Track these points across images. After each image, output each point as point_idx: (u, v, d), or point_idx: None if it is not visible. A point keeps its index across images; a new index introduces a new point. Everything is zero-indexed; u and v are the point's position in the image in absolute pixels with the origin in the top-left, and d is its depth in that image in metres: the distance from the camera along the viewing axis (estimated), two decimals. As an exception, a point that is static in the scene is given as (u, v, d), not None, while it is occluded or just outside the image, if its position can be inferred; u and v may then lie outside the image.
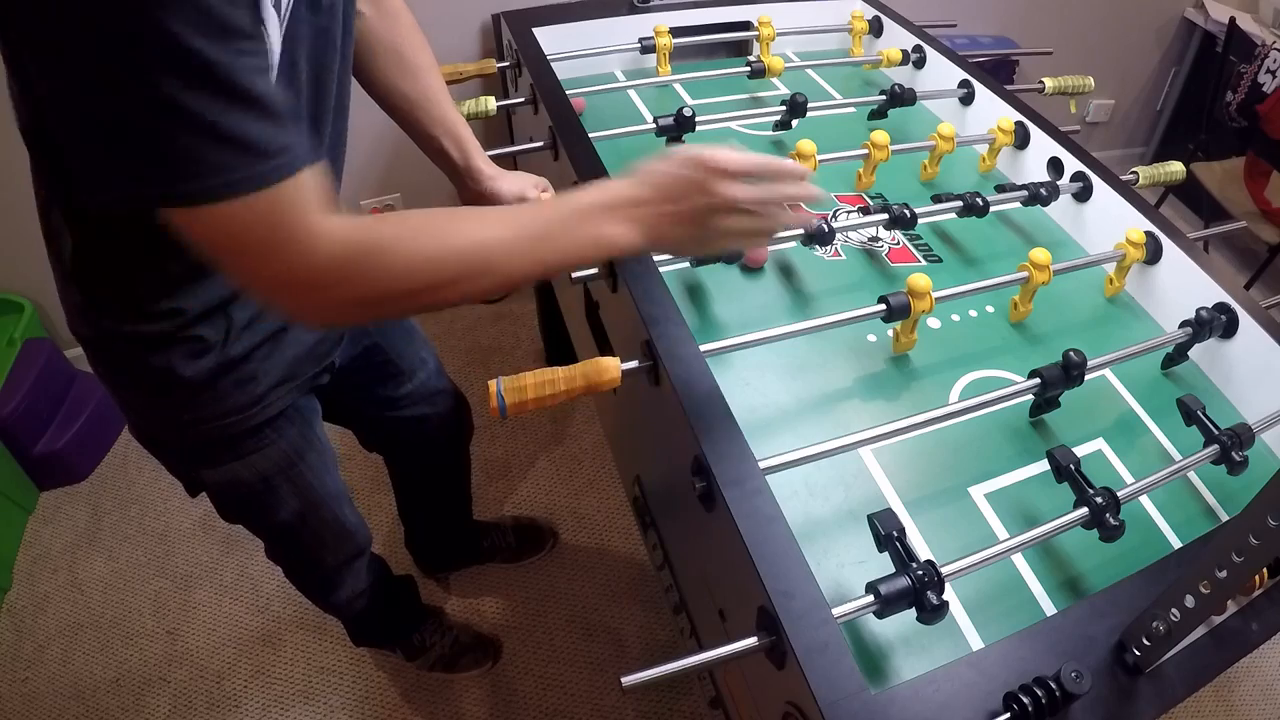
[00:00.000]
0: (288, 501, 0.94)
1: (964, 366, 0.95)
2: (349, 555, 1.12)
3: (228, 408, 0.80)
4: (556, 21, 1.49)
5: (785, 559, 0.63)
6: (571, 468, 1.87)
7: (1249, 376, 0.96)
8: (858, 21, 1.59)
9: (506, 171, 0.97)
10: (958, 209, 1.11)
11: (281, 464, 0.89)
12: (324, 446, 0.97)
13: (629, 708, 1.44)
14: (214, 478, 0.88)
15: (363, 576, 1.20)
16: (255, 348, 0.79)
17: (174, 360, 0.74)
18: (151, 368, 0.74)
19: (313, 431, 0.94)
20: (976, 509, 0.81)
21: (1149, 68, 2.73)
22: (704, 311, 0.99)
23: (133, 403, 0.82)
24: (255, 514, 0.96)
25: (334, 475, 1.00)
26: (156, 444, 0.86)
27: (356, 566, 1.17)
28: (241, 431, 0.83)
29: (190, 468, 0.88)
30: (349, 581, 1.17)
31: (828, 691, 0.56)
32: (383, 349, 1.08)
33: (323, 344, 0.90)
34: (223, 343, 0.76)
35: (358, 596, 1.21)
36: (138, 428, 0.85)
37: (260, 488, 0.90)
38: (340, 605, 1.22)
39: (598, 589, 1.63)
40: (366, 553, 1.17)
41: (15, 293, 1.81)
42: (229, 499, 0.92)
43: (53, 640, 1.53)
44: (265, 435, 0.86)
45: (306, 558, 1.09)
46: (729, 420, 0.74)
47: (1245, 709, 1.50)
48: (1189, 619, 0.58)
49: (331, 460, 0.99)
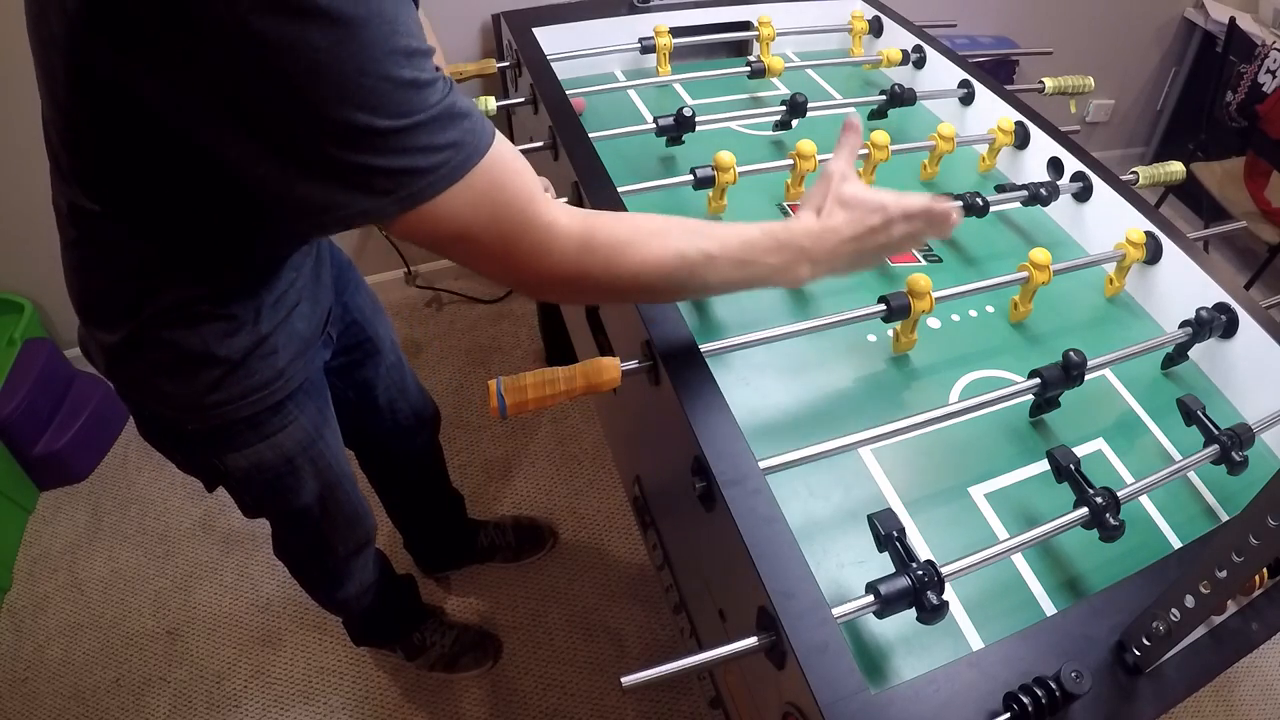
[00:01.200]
0: (308, 483, 0.95)
1: (964, 366, 0.95)
2: (359, 543, 1.12)
3: (255, 384, 0.81)
4: (556, 21, 1.49)
5: (785, 559, 0.63)
6: (571, 468, 1.87)
7: (1249, 376, 0.96)
8: (858, 21, 1.59)
9: None
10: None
11: (304, 442, 0.91)
12: (336, 425, 0.99)
13: (629, 708, 1.44)
14: (239, 463, 0.87)
15: (370, 569, 1.21)
16: (279, 323, 0.81)
17: (209, 339, 0.76)
18: (185, 349, 0.75)
19: (328, 407, 0.95)
20: (976, 509, 0.81)
21: (1149, 68, 2.73)
22: (704, 311, 0.99)
23: (156, 391, 0.81)
24: (279, 499, 0.96)
25: (345, 455, 1.02)
26: (178, 436, 0.86)
27: (364, 557, 1.17)
28: (266, 409, 0.84)
29: (214, 456, 0.87)
30: (357, 574, 1.18)
31: (828, 691, 0.56)
32: (360, 325, 1.09)
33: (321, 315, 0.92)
34: (254, 320, 0.78)
35: (364, 592, 1.21)
36: (156, 422, 0.85)
37: (284, 469, 0.91)
38: (347, 601, 1.21)
39: (598, 589, 1.63)
40: (373, 543, 1.18)
41: (15, 293, 1.81)
42: (254, 485, 0.92)
43: (53, 640, 1.53)
44: (288, 411, 0.87)
45: (320, 545, 1.09)
46: (729, 420, 0.74)
47: (1245, 709, 1.50)
48: (1189, 619, 0.58)
49: (341, 441, 1.01)
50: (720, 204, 1.12)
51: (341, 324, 1.04)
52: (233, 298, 0.76)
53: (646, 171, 1.21)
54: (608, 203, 0.99)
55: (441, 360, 2.13)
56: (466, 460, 1.87)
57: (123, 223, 0.67)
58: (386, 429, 1.23)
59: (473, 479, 1.83)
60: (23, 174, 1.65)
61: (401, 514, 1.48)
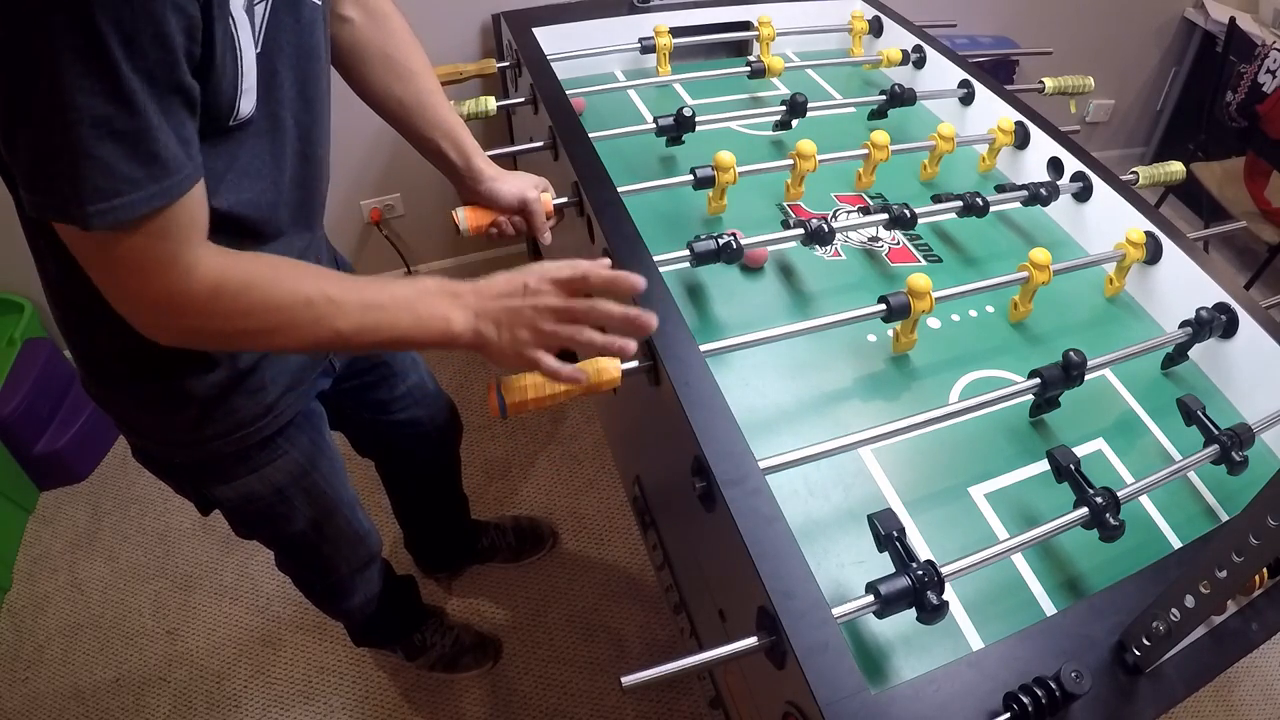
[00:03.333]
0: (302, 511, 0.93)
1: (964, 366, 0.95)
2: (362, 562, 1.11)
3: (240, 420, 0.79)
4: (556, 21, 1.49)
5: (785, 559, 0.63)
6: (571, 468, 1.87)
7: (1249, 376, 0.96)
8: (858, 21, 1.59)
9: (506, 172, 0.97)
10: (958, 209, 1.11)
11: (295, 474, 0.89)
12: (334, 453, 0.97)
13: (629, 708, 1.44)
14: (227, 494, 0.86)
15: (375, 582, 1.20)
16: (263, 356, 0.78)
17: (185, 377, 0.73)
18: (159, 387, 0.74)
19: (323, 439, 0.93)
20: (976, 509, 0.81)
21: (1149, 68, 2.73)
22: (704, 311, 0.99)
23: (137, 424, 0.80)
24: (270, 527, 0.95)
25: (344, 481, 1.00)
26: (165, 466, 0.85)
27: (369, 573, 1.16)
28: (255, 444, 0.82)
29: (202, 486, 0.87)
30: (361, 588, 1.17)
31: (828, 691, 0.56)
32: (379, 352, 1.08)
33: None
34: (229, 356, 0.75)
35: (369, 602, 1.21)
36: (142, 450, 0.84)
37: (274, 499, 0.89)
38: (351, 611, 1.21)
39: (598, 589, 1.63)
40: (378, 559, 1.17)
41: (15, 293, 1.81)
42: (244, 514, 0.91)
43: (53, 640, 1.53)
44: (278, 445, 0.85)
45: (320, 567, 1.08)
46: (729, 420, 0.74)
47: (1245, 709, 1.50)
48: (1189, 619, 0.58)
49: (341, 466, 0.99)
50: (720, 204, 1.12)
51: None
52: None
53: (646, 171, 1.21)
54: (608, 202, 0.99)
55: (441, 360, 2.13)
56: (466, 460, 1.85)
57: (40, 238, 0.65)
58: (408, 443, 1.22)
59: (473, 479, 1.83)
60: (23, 174, 1.65)
61: (409, 514, 1.48)
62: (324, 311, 0.61)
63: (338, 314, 0.62)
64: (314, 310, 0.61)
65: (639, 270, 0.89)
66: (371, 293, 0.64)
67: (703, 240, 0.95)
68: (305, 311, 0.61)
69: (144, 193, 0.51)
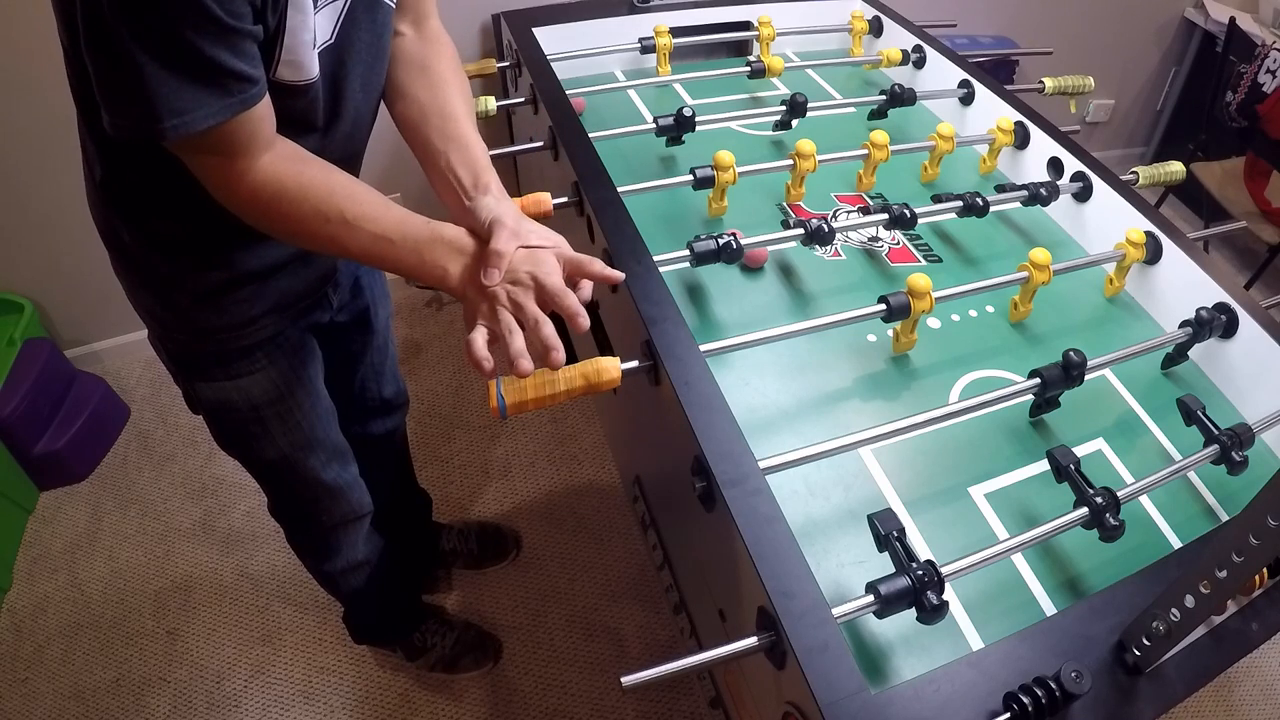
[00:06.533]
0: (276, 439, 0.97)
1: (964, 366, 0.95)
2: (342, 517, 1.13)
3: (225, 323, 0.85)
4: (556, 21, 1.49)
5: (785, 559, 0.64)
6: (571, 468, 1.87)
7: (1249, 376, 0.96)
8: (858, 21, 1.59)
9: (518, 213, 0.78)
10: (958, 209, 1.11)
11: (272, 394, 0.92)
12: (318, 392, 1.00)
13: (629, 708, 1.44)
14: (208, 394, 0.92)
15: (359, 549, 1.21)
16: (256, 270, 0.84)
17: (187, 270, 0.81)
18: (162, 274, 0.82)
19: (305, 370, 0.96)
20: (976, 509, 0.81)
21: (1149, 68, 2.73)
22: (704, 311, 0.99)
23: (145, 304, 0.87)
24: (244, 445, 0.99)
25: (328, 426, 1.03)
26: (165, 352, 0.92)
27: (353, 535, 1.17)
28: (234, 350, 0.88)
29: (188, 379, 0.92)
30: (345, 550, 1.18)
31: (828, 691, 0.56)
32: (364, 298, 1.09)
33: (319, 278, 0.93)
34: (226, 263, 0.82)
35: (352, 569, 1.22)
36: (151, 331, 0.91)
37: (249, 417, 0.93)
38: (334, 575, 1.22)
39: (598, 589, 1.63)
40: (364, 522, 1.18)
41: (15, 293, 1.81)
42: (221, 422, 0.96)
43: (53, 640, 1.53)
44: (256, 359, 0.89)
45: (301, 514, 1.12)
46: (729, 420, 0.74)
47: (1245, 709, 1.50)
48: (1189, 619, 0.58)
49: (326, 411, 1.02)
50: (720, 204, 1.12)
51: (348, 293, 1.05)
52: (208, 236, 0.79)
53: (646, 171, 1.21)
54: (608, 202, 0.99)
55: (441, 360, 2.12)
56: (466, 460, 1.87)
57: (104, 151, 0.73)
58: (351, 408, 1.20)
59: (473, 479, 1.83)
60: (22, 174, 1.65)
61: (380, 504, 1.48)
62: (337, 232, 0.70)
63: (349, 237, 0.71)
64: (329, 229, 0.70)
65: (637, 269, 0.89)
66: (387, 224, 0.71)
67: (703, 240, 0.95)
68: (322, 228, 0.70)
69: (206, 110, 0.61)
